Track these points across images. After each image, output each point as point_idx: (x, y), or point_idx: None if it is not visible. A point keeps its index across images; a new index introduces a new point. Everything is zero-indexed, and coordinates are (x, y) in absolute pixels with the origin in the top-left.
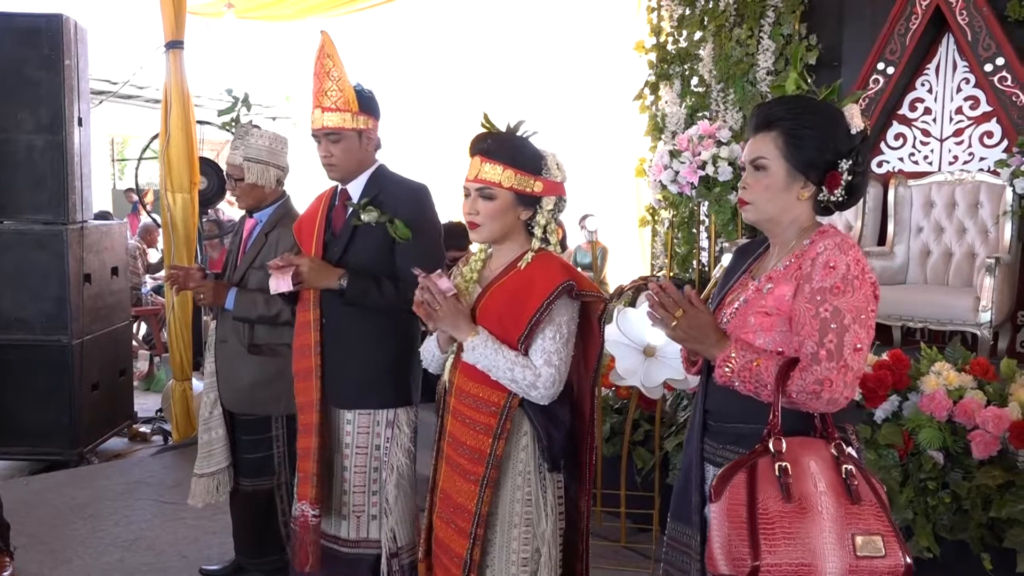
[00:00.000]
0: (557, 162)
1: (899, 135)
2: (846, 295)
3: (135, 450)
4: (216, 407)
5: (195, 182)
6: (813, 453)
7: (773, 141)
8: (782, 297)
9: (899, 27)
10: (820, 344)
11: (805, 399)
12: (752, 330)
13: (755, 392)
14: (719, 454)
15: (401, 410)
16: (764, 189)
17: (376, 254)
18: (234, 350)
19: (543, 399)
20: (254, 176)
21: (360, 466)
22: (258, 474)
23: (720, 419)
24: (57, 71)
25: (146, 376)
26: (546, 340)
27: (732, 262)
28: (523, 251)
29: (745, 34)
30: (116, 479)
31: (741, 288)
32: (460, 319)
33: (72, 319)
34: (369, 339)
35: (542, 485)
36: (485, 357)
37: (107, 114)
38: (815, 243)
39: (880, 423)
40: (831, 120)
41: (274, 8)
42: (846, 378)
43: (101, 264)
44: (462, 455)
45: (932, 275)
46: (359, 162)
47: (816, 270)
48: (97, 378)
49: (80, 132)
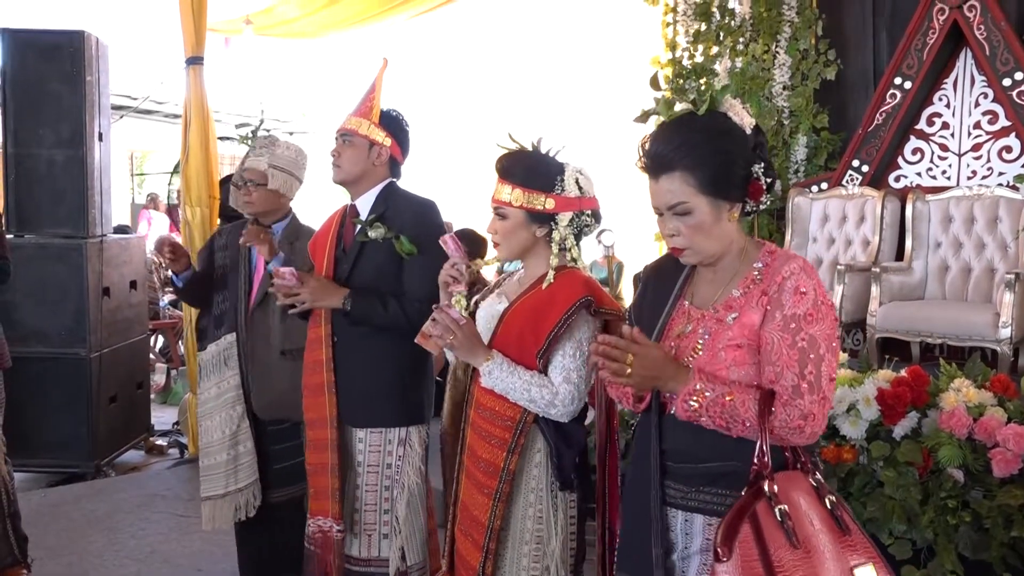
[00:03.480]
0: (576, 178)
1: (917, 150)
2: (819, 323)
3: (152, 463)
4: (243, 420)
5: (214, 196)
6: (799, 488)
7: (683, 181)
8: (751, 326)
9: (916, 41)
10: (801, 376)
11: (787, 434)
12: (724, 366)
13: (725, 427)
14: (692, 498)
15: (413, 428)
16: (697, 231)
17: (384, 271)
18: (268, 357)
19: (563, 416)
20: (278, 183)
21: (372, 484)
22: (290, 483)
23: (685, 459)
24: (78, 87)
25: (163, 389)
26: (565, 357)
27: (651, 286)
28: (547, 269)
29: (761, 49)
30: (133, 492)
31: (684, 317)
32: (475, 344)
33: (90, 332)
34: (380, 356)
35: (553, 503)
36: (501, 381)
37: (126, 129)
38: (772, 265)
39: (899, 440)
40: (723, 133)
41: (292, 25)
42: (824, 410)
43: (120, 278)
44: (478, 468)
45: (951, 291)
46: (363, 172)
47: (785, 295)
48: (115, 391)
49: (100, 147)
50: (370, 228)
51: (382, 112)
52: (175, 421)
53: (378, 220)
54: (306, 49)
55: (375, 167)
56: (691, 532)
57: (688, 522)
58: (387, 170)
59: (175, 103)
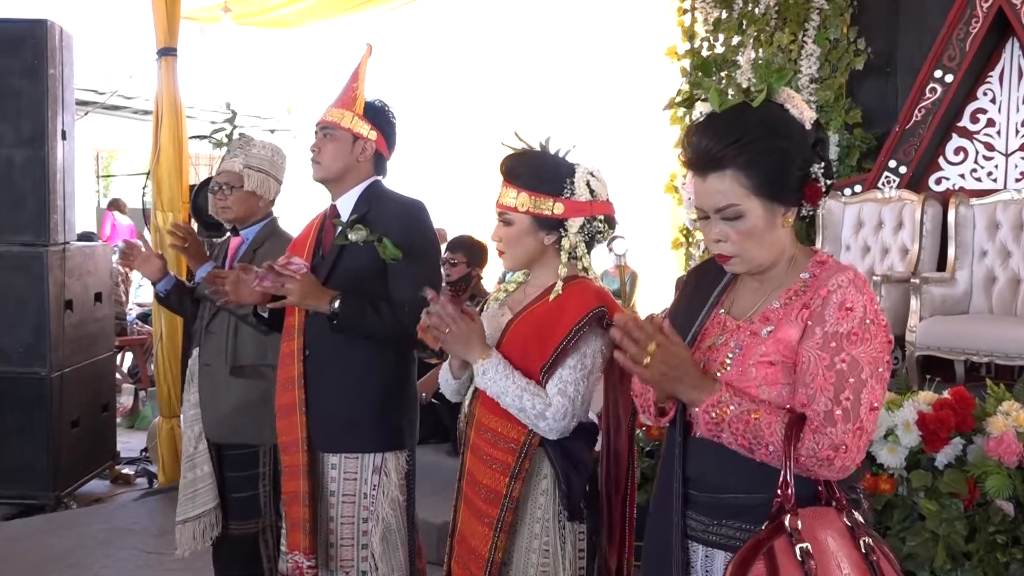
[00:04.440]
0: (587, 180)
1: (960, 149)
2: (864, 343)
3: (118, 493)
4: (201, 441)
5: (186, 200)
6: (828, 527)
7: (734, 181)
8: (788, 342)
9: (958, 31)
10: (835, 401)
11: (814, 464)
12: (754, 384)
13: (747, 448)
14: (714, 532)
15: (390, 455)
16: (748, 237)
17: (365, 277)
18: (217, 374)
19: (551, 432)
20: (254, 184)
21: (348, 516)
22: (245, 516)
23: (709, 489)
24: (40, 81)
25: (130, 412)
26: (565, 369)
27: (690, 290)
28: (556, 278)
29: (787, 38)
30: (97, 526)
31: (718, 327)
32: (472, 339)
33: (51, 349)
34: (357, 374)
35: (561, 535)
36: (495, 382)
37: (92, 127)
38: (820, 276)
39: (942, 469)
40: (781, 128)
41: (273, 12)
42: (860, 442)
43: (84, 289)
44: (478, 495)
45: (998, 304)
46: (346, 168)
47: (829, 310)
48: (77, 414)
49: (63, 146)
50: (350, 230)
51: (366, 103)
52: (143, 448)
53: (360, 221)
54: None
55: (359, 163)
56: (712, 570)
57: (709, 558)
58: (372, 167)
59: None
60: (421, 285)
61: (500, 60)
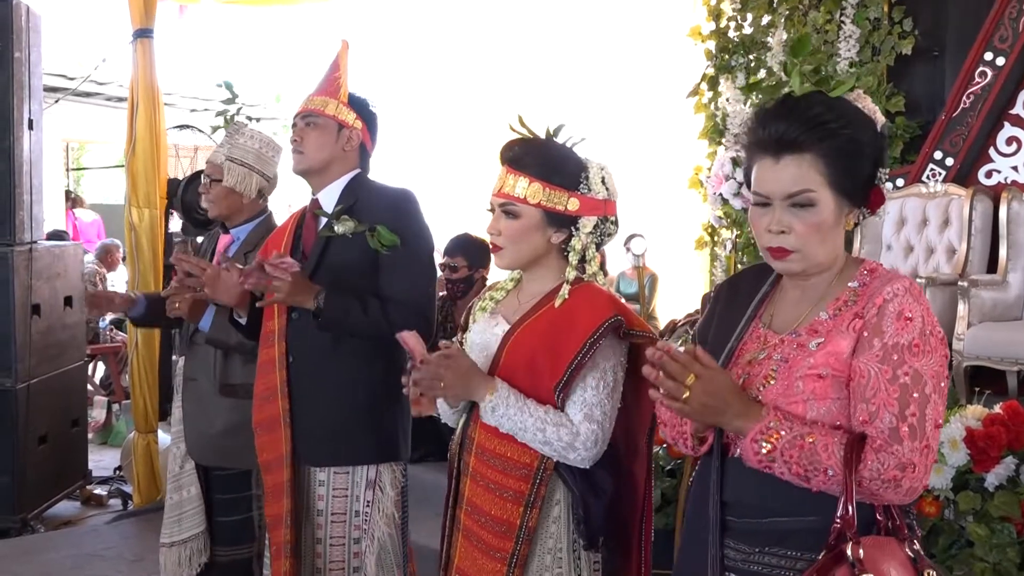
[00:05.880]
0: (603, 176)
1: (1012, 139)
2: (925, 356)
3: (89, 516)
4: (188, 461)
5: (163, 195)
6: (891, 557)
7: (812, 167)
8: (839, 354)
9: (1011, 9)
10: (901, 418)
11: (879, 487)
12: (801, 399)
13: (803, 476)
14: (755, 561)
15: (384, 467)
16: (815, 231)
17: (353, 272)
18: (204, 392)
19: (583, 462)
20: (232, 179)
21: (338, 537)
22: (235, 541)
23: (750, 514)
24: (5, 66)
25: (103, 427)
26: (587, 390)
27: (723, 304)
28: (558, 282)
29: (823, 18)
30: (66, 551)
31: (758, 342)
32: (470, 378)
33: (16, 359)
34: (346, 379)
35: (576, 566)
36: (509, 418)
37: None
38: (871, 285)
39: (992, 491)
40: (862, 122)
41: None
42: (927, 462)
43: (52, 293)
44: (484, 527)
45: None
46: (331, 158)
47: (886, 321)
48: (45, 429)
49: (30, 137)
50: (336, 222)
51: (349, 95)
52: (117, 466)
53: (346, 212)
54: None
55: (345, 153)
56: None
57: None
58: (357, 158)
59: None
60: (415, 278)
61: (505, 46)
